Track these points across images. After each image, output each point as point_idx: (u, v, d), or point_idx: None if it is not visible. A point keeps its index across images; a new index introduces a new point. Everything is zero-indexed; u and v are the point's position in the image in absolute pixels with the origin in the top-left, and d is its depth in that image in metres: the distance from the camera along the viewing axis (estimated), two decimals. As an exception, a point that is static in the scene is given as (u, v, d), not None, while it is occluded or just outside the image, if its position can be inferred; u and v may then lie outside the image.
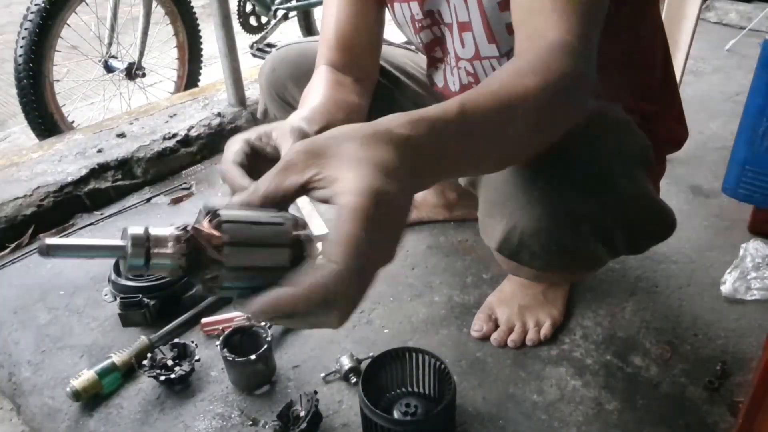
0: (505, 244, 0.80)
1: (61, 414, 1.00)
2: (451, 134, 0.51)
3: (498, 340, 1.10)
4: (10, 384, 1.08)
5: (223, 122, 1.85)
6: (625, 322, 1.15)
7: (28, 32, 1.91)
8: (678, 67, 1.52)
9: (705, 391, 1.01)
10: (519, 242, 0.79)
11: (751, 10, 2.74)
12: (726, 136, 1.77)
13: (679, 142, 1.01)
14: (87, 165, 1.60)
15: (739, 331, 1.12)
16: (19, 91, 1.98)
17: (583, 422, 0.96)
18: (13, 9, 4.20)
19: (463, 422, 0.96)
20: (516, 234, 0.78)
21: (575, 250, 0.80)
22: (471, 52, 0.92)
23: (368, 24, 1.00)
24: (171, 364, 1.02)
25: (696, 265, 1.29)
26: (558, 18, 0.66)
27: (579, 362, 1.07)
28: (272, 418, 0.95)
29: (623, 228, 0.78)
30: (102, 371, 1.01)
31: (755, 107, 1.25)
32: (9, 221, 1.44)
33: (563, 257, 0.81)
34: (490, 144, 0.56)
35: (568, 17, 0.66)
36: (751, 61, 1.35)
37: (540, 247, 0.78)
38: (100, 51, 2.25)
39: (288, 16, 2.92)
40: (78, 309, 1.22)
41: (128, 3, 2.26)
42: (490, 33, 0.88)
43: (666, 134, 0.96)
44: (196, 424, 0.98)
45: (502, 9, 0.84)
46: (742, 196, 1.33)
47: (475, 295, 1.21)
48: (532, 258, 0.81)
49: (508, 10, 0.75)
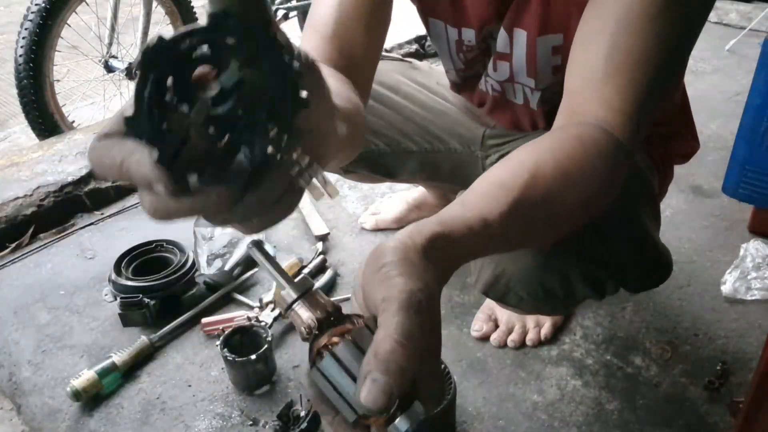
0: (492, 288, 0.80)
1: (61, 414, 1.00)
2: (478, 249, 0.55)
3: (498, 340, 1.10)
4: (10, 384, 1.08)
5: (224, 122, 1.85)
6: (625, 322, 1.15)
7: (29, 32, 1.91)
8: (678, 67, 1.52)
9: (705, 391, 1.01)
10: (506, 287, 0.79)
11: (751, 10, 2.73)
12: (726, 136, 1.77)
13: (690, 155, 1.02)
14: (87, 165, 1.60)
15: (739, 331, 1.12)
16: (19, 91, 1.98)
17: (584, 422, 0.96)
18: (13, 9, 4.20)
19: (463, 422, 0.96)
20: (503, 279, 0.78)
21: (563, 296, 0.79)
22: (504, 76, 0.91)
23: (369, 14, 0.94)
24: None
25: (696, 265, 1.29)
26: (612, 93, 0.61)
27: (579, 362, 1.07)
28: (272, 418, 0.95)
29: (616, 276, 0.78)
30: (102, 371, 1.01)
31: (755, 107, 1.25)
32: (9, 221, 1.44)
33: (550, 302, 0.81)
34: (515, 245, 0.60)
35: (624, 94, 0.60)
36: (751, 61, 1.35)
37: (527, 293, 0.78)
38: (100, 51, 2.25)
39: (288, 16, 2.92)
40: (78, 309, 1.22)
41: (128, 3, 2.26)
42: (534, 70, 0.85)
43: (679, 149, 0.98)
44: (196, 424, 0.98)
45: (554, 53, 0.82)
46: (742, 196, 1.33)
47: (475, 295, 1.21)
48: (518, 302, 0.81)
49: (560, 54, 0.74)
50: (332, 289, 1.24)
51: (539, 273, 0.75)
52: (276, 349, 1.09)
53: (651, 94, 0.62)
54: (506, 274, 0.77)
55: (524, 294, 0.79)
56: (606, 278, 0.77)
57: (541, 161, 0.57)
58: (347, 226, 1.43)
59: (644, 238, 0.78)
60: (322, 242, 1.36)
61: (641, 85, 0.61)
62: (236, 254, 1.29)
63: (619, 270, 0.77)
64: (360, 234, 1.41)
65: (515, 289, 0.78)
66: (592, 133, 0.60)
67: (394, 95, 1.07)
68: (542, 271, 0.75)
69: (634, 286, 0.84)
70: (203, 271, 1.25)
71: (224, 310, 1.19)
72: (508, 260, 0.76)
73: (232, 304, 1.21)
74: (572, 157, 0.58)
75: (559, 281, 0.76)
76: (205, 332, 1.13)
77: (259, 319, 1.09)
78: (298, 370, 1.06)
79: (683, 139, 0.98)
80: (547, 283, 0.77)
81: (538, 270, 0.75)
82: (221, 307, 1.20)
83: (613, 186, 0.62)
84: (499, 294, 0.81)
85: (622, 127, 0.60)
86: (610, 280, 0.78)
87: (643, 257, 0.78)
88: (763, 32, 2.51)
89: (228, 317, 1.13)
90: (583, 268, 0.75)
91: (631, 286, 0.83)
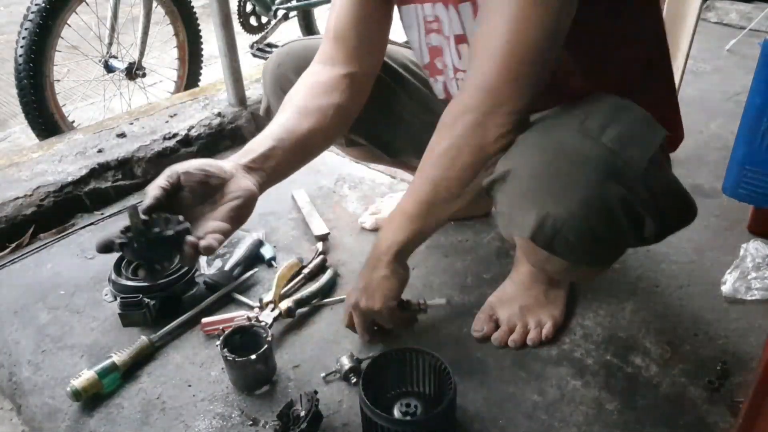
0: (539, 232, 0.80)
1: (61, 414, 1.00)
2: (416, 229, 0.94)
3: (499, 340, 1.10)
4: (10, 384, 1.08)
5: (224, 122, 1.85)
6: (625, 322, 1.15)
7: (29, 32, 1.91)
8: (678, 67, 1.52)
9: (705, 391, 1.01)
10: (552, 230, 0.79)
11: (751, 10, 2.74)
12: (726, 136, 1.77)
13: (676, 143, 1.03)
14: (87, 165, 1.60)
15: (740, 331, 1.12)
16: (19, 91, 1.98)
17: (584, 422, 0.96)
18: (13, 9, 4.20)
19: (463, 422, 0.96)
20: (549, 222, 0.78)
21: (609, 238, 0.80)
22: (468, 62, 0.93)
23: (366, 16, 1.01)
24: None
25: (696, 265, 1.29)
26: (488, 59, 0.79)
27: (579, 362, 1.07)
28: (272, 418, 0.95)
29: (654, 213, 0.79)
30: (102, 371, 1.01)
31: (755, 107, 1.25)
32: (9, 221, 1.44)
33: (597, 246, 0.82)
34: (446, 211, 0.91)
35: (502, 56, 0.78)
36: (751, 61, 1.35)
37: (575, 235, 0.79)
38: (100, 51, 2.25)
39: (288, 16, 2.92)
40: (78, 309, 1.22)
41: (128, 3, 2.26)
42: None
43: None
44: (196, 424, 0.98)
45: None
46: (742, 196, 1.33)
47: (475, 295, 1.21)
48: (566, 247, 0.81)
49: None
50: (332, 289, 1.24)
51: (585, 211, 0.77)
52: (276, 349, 1.09)
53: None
54: (551, 216, 0.78)
55: (572, 236, 0.79)
56: (645, 215, 0.79)
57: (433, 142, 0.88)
58: (347, 226, 1.44)
59: (668, 177, 0.84)
60: (322, 242, 1.36)
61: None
62: (236, 254, 1.30)
63: (656, 207, 0.80)
64: (360, 234, 1.41)
65: (563, 231, 0.78)
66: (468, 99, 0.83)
67: (401, 69, 1.20)
68: (587, 209, 0.77)
69: (669, 225, 0.86)
70: (203, 271, 1.25)
71: (224, 310, 1.19)
72: (552, 202, 0.78)
73: (232, 304, 1.21)
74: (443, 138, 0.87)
75: (604, 220, 0.78)
76: (205, 332, 1.13)
77: (259, 319, 1.09)
78: (298, 370, 1.06)
79: (669, 124, 0.99)
80: (593, 221, 0.78)
81: (582, 208, 0.76)
82: (221, 307, 1.20)
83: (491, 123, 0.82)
84: (547, 238, 0.80)
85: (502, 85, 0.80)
86: (649, 218, 0.80)
87: (672, 197, 0.84)
88: (763, 32, 2.52)
89: (228, 317, 1.13)
90: (625, 204, 0.77)
91: (667, 225, 0.85)
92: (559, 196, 0.77)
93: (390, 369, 0.95)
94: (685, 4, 1.44)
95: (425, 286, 1.24)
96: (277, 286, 1.18)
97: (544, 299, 1.12)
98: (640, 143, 0.80)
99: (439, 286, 1.24)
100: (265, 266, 1.31)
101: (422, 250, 1.34)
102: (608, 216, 0.77)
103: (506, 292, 1.15)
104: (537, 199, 0.79)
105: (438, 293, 1.22)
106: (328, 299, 1.21)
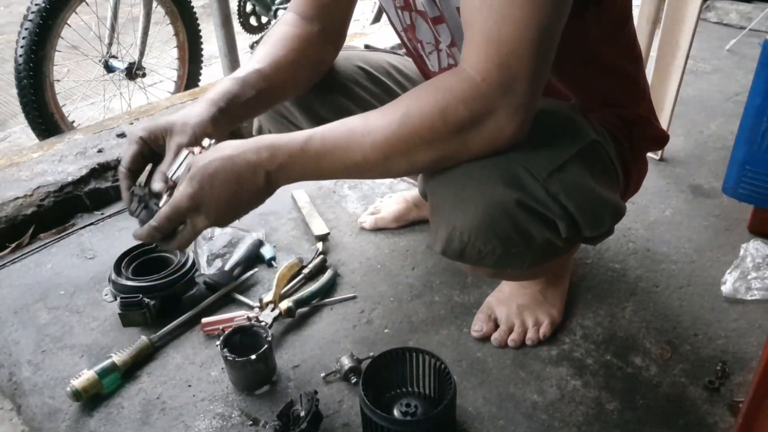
0: (449, 247, 0.81)
1: (61, 414, 1.00)
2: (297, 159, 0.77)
3: (498, 340, 1.10)
4: (10, 384, 1.08)
5: (224, 122, 1.85)
6: (625, 322, 1.15)
7: (29, 32, 1.91)
8: (678, 67, 1.51)
9: (705, 391, 1.01)
10: (460, 242, 0.80)
11: (751, 10, 2.73)
12: (726, 136, 1.77)
13: (659, 141, 1.03)
14: (87, 165, 1.60)
15: (739, 331, 1.12)
16: (19, 91, 1.98)
17: (584, 422, 0.96)
18: (13, 9, 4.21)
19: (463, 422, 0.96)
20: (456, 235, 0.79)
21: (517, 240, 0.80)
22: (447, 41, 0.93)
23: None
24: None
25: (696, 265, 1.29)
26: (477, 51, 0.71)
27: (579, 362, 1.07)
28: (272, 418, 0.95)
29: (560, 214, 0.78)
30: (102, 371, 1.01)
31: (755, 107, 1.25)
32: (9, 221, 1.44)
33: (510, 249, 0.81)
34: (337, 164, 0.77)
35: (487, 53, 0.70)
36: (751, 61, 1.35)
37: (482, 242, 0.79)
38: (100, 51, 2.25)
39: (288, 16, 2.92)
40: (78, 309, 1.22)
41: (128, 3, 2.26)
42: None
43: (644, 133, 0.99)
44: (196, 424, 0.98)
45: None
46: (742, 196, 1.33)
47: (475, 295, 1.21)
48: (479, 257, 0.82)
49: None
50: (332, 289, 1.24)
51: (487, 219, 0.77)
52: (276, 349, 1.09)
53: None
54: (458, 228, 0.79)
55: (481, 246, 0.79)
56: (551, 216, 0.78)
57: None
58: (347, 226, 1.44)
59: (582, 180, 0.80)
60: (322, 242, 1.36)
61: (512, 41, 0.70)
62: (236, 254, 1.29)
63: (561, 208, 0.78)
64: (360, 234, 1.41)
65: (471, 241, 0.79)
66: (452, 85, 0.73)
67: (381, 76, 1.15)
68: (489, 217, 0.77)
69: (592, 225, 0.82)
70: (203, 271, 1.25)
71: (224, 310, 1.19)
72: (457, 215, 0.78)
73: (232, 304, 1.21)
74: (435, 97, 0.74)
75: (510, 225, 0.78)
76: (205, 332, 1.13)
77: (259, 319, 1.09)
78: (298, 370, 1.07)
79: (647, 125, 1.00)
80: (499, 228, 0.78)
81: (485, 217, 0.77)
82: (221, 307, 1.20)
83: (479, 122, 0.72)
84: (458, 251, 0.81)
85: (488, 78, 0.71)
86: (557, 219, 0.79)
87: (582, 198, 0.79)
88: (763, 32, 2.51)
89: (228, 317, 1.13)
90: (522, 206, 0.77)
91: (592, 225, 0.82)
92: (461, 206, 0.78)
93: (390, 369, 0.95)
94: (685, 4, 1.44)
95: (425, 286, 1.24)
96: (277, 286, 1.18)
97: (541, 298, 1.13)
98: (548, 152, 0.78)
99: (439, 285, 1.24)
100: (265, 266, 1.31)
101: (422, 249, 1.35)
102: (509, 219, 0.77)
103: (504, 292, 1.15)
104: (444, 214, 0.80)
105: (438, 293, 1.22)
106: (328, 299, 1.21)
